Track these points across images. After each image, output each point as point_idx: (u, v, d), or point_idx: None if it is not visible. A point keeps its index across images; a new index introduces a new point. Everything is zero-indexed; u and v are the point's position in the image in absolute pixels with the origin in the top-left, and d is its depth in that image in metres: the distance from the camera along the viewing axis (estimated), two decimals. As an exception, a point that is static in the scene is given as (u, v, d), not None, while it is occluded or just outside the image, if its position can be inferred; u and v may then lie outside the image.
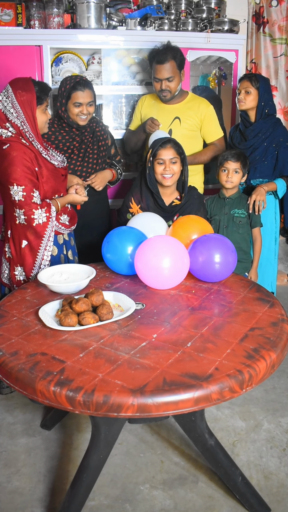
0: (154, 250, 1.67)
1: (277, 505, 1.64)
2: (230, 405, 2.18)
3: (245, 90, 2.46)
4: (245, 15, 3.39)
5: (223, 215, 2.42)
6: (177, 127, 2.57)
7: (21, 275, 1.98)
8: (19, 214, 1.87)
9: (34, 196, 1.85)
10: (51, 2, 2.62)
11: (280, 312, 1.53)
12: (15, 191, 1.82)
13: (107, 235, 1.91)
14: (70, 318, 1.42)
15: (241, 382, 1.17)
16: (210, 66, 3.12)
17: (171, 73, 2.45)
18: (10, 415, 2.15)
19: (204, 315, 1.51)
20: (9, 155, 1.84)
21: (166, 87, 2.49)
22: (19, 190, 1.82)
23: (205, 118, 2.58)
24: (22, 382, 1.19)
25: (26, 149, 1.87)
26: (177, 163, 2.14)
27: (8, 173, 1.83)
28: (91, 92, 2.29)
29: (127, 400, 1.09)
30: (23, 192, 1.83)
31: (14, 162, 1.83)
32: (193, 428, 1.55)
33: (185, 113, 2.56)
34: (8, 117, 1.86)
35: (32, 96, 1.85)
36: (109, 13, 2.76)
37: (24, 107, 1.85)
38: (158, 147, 2.13)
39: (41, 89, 1.90)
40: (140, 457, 1.88)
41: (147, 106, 2.66)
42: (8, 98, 1.85)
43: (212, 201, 2.49)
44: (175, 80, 2.49)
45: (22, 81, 1.89)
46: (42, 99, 1.90)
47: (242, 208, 2.39)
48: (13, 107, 1.85)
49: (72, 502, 1.48)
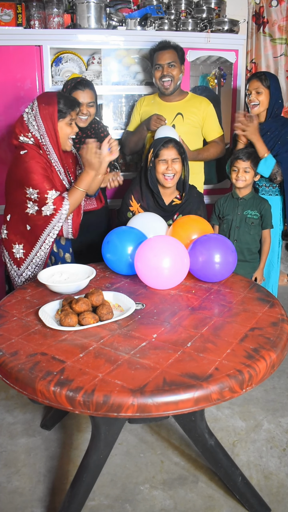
0: (154, 250, 1.67)
1: (277, 505, 1.64)
2: (230, 405, 2.18)
3: (256, 91, 2.37)
4: (245, 15, 3.39)
5: (236, 215, 2.41)
6: (180, 123, 2.56)
7: (18, 253, 2.02)
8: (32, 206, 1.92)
9: (48, 197, 1.90)
10: (51, 2, 2.62)
11: (280, 312, 1.53)
12: (30, 193, 1.90)
13: (107, 235, 1.91)
14: (70, 318, 1.42)
15: (241, 382, 1.17)
16: (210, 66, 3.12)
17: (172, 59, 2.46)
18: (10, 415, 2.15)
19: (204, 315, 1.51)
20: (26, 161, 1.90)
21: (168, 72, 2.47)
22: (34, 192, 1.89)
23: (207, 116, 2.59)
24: (22, 382, 1.19)
25: (41, 157, 1.93)
26: (177, 163, 2.15)
27: (26, 178, 1.90)
28: (91, 92, 2.28)
29: (127, 400, 1.09)
30: (37, 194, 1.89)
31: (31, 168, 1.90)
32: (193, 428, 1.55)
33: (188, 109, 2.56)
34: (30, 128, 1.92)
35: (54, 109, 1.90)
36: (109, 13, 2.76)
37: (46, 120, 1.91)
38: (160, 146, 2.13)
39: (65, 103, 1.94)
40: (140, 457, 1.88)
41: (147, 105, 2.66)
42: (33, 111, 1.92)
43: (225, 201, 2.47)
44: (177, 68, 2.48)
45: (47, 95, 1.96)
46: (65, 113, 1.93)
47: (255, 209, 2.38)
48: (35, 119, 1.91)
49: (72, 502, 1.48)
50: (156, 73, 2.52)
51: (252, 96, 2.39)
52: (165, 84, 2.50)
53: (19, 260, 2.03)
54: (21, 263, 2.03)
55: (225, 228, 2.47)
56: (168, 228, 2.02)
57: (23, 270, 2.04)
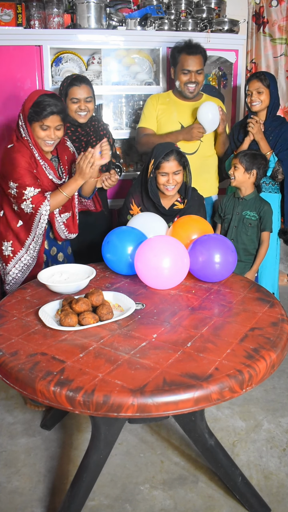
0: (154, 250, 1.67)
1: (277, 505, 1.64)
2: (230, 405, 2.18)
3: (257, 91, 2.42)
4: (245, 15, 3.39)
5: (235, 215, 2.42)
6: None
7: (6, 250, 2.01)
8: (15, 203, 1.93)
9: (25, 193, 1.89)
10: (51, 2, 2.62)
11: (280, 312, 1.53)
12: (11, 187, 1.90)
13: (107, 235, 1.91)
14: (70, 318, 1.42)
15: (241, 382, 1.17)
16: (210, 66, 3.13)
17: (200, 65, 2.44)
18: (10, 415, 2.15)
19: (204, 315, 1.51)
20: (10, 155, 1.90)
21: (195, 79, 2.45)
22: (14, 186, 1.89)
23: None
24: (22, 382, 1.19)
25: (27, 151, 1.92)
26: (180, 174, 2.10)
27: (9, 171, 1.89)
28: (88, 87, 2.26)
29: (127, 400, 1.09)
30: (16, 189, 1.89)
31: (15, 161, 1.89)
32: (193, 428, 1.55)
33: None
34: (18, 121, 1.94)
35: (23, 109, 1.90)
36: (109, 13, 2.76)
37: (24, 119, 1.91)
38: (160, 159, 2.06)
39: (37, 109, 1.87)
40: (140, 457, 1.88)
41: (163, 104, 2.57)
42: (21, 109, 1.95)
43: (228, 200, 2.48)
44: (202, 75, 2.48)
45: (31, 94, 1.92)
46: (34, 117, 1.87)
47: (254, 211, 2.38)
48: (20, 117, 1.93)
49: (72, 502, 1.48)
50: (181, 76, 2.46)
51: (253, 96, 2.43)
52: (190, 89, 2.48)
53: (7, 257, 2.02)
54: (9, 260, 2.01)
55: (225, 227, 2.49)
56: (168, 229, 2.02)
57: (10, 269, 2.03)
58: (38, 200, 1.90)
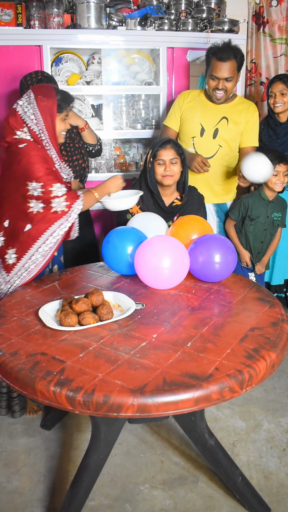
0: (154, 250, 1.67)
1: (277, 505, 1.64)
2: (230, 405, 2.18)
3: (281, 92, 2.52)
4: (245, 15, 3.39)
5: (264, 217, 2.42)
6: (224, 128, 2.44)
7: (10, 258, 1.85)
8: (36, 204, 1.79)
9: (53, 190, 1.78)
10: (51, 2, 2.62)
11: (280, 312, 1.53)
12: (33, 188, 1.78)
13: (107, 235, 1.91)
14: (70, 318, 1.42)
15: (241, 382, 1.17)
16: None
17: (231, 73, 2.32)
18: (10, 415, 2.15)
19: (204, 315, 1.51)
20: (27, 153, 1.80)
21: (223, 87, 2.34)
22: (38, 186, 1.77)
23: (250, 122, 2.47)
24: (22, 382, 1.19)
25: (42, 151, 1.84)
26: (177, 164, 2.14)
27: (28, 171, 1.78)
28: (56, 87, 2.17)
29: (127, 400, 1.09)
30: (41, 188, 1.77)
31: (33, 159, 1.79)
32: (193, 428, 1.55)
33: (234, 114, 2.45)
34: (27, 122, 1.82)
35: (53, 102, 1.82)
36: (109, 13, 2.76)
37: (44, 114, 1.81)
38: (157, 147, 2.12)
39: (62, 97, 1.86)
40: (140, 457, 1.88)
41: (190, 102, 2.51)
42: (30, 104, 1.81)
43: (254, 202, 2.42)
44: (233, 81, 2.36)
45: (44, 87, 1.86)
46: (62, 108, 1.85)
47: (279, 211, 2.42)
48: (34, 113, 1.81)
49: (72, 502, 1.48)
50: (210, 81, 2.37)
51: (277, 98, 2.54)
52: (218, 95, 2.39)
53: (10, 265, 1.86)
54: (11, 268, 1.86)
55: (252, 230, 2.44)
56: (168, 228, 2.02)
57: (11, 277, 1.86)
58: (71, 197, 1.80)
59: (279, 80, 2.53)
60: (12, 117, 1.83)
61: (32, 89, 1.85)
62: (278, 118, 2.60)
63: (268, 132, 2.66)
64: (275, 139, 2.63)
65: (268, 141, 2.65)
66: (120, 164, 3.06)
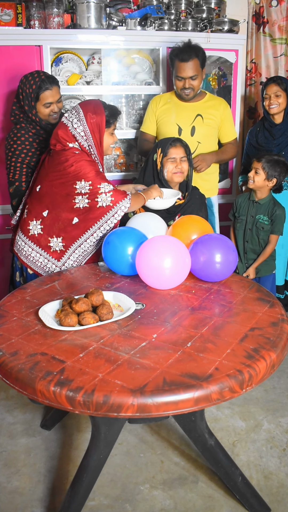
0: (155, 250, 1.67)
1: (277, 505, 1.64)
2: (230, 405, 2.18)
3: (275, 94, 2.56)
4: (245, 15, 3.39)
5: (249, 217, 2.45)
6: (200, 125, 2.55)
7: (57, 246, 2.00)
8: (82, 199, 1.93)
9: (101, 187, 1.91)
10: (51, 2, 2.62)
11: (280, 312, 1.53)
12: (82, 186, 1.91)
13: (107, 236, 1.91)
14: (70, 318, 1.42)
15: (241, 382, 1.17)
16: (210, 66, 3.12)
17: (194, 71, 2.43)
18: (10, 415, 2.15)
19: (204, 315, 1.51)
20: (79, 159, 1.92)
21: (190, 85, 2.46)
22: (87, 184, 1.91)
23: (225, 117, 2.60)
24: (22, 382, 1.19)
25: (90, 157, 1.97)
26: (186, 162, 2.19)
27: (81, 172, 1.91)
28: (57, 87, 2.19)
29: (127, 400, 1.09)
30: (90, 186, 1.91)
31: (88, 164, 1.92)
32: (193, 428, 1.55)
33: (207, 111, 2.56)
34: (77, 139, 1.94)
35: (102, 119, 1.92)
36: (109, 13, 2.76)
37: (93, 130, 1.92)
38: (168, 145, 2.17)
39: (110, 112, 1.96)
40: (140, 457, 1.89)
41: (164, 105, 2.61)
42: (80, 121, 1.92)
43: (243, 200, 2.50)
44: (198, 78, 2.48)
45: (93, 104, 1.95)
46: (110, 123, 1.96)
47: (267, 215, 2.41)
48: (83, 130, 1.92)
49: (72, 502, 1.48)
50: (177, 82, 2.49)
51: (272, 100, 2.58)
52: (186, 93, 2.50)
53: (59, 252, 2.01)
54: (62, 255, 2.01)
55: (238, 228, 2.51)
56: (168, 228, 2.03)
57: (64, 261, 2.02)
58: (118, 194, 1.93)
59: (273, 82, 2.57)
60: (62, 131, 1.95)
61: (81, 106, 1.95)
62: (273, 120, 2.64)
63: (264, 134, 2.70)
64: (271, 140, 2.66)
65: (265, 142, 2.68)
66: (120, 164, 3.06)
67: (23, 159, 2.19)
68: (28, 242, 2.04)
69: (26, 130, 2.20)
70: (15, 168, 2.20)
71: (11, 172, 2.22)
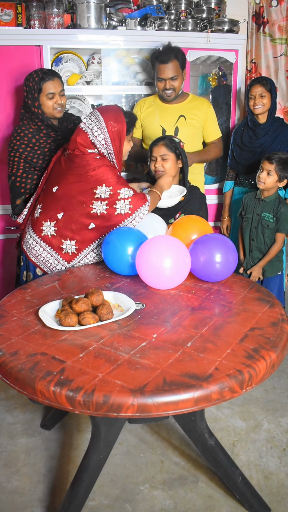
0: (156, 250, 1.67)
1: (277, 505, 1.64)
2: (230, 405, 2.18)
3: (260, 95, 2.58)
4: (245, 15, 3.38)
5: (255, 215, 2.46)
6: (183, 125, 2.59)
7: (70, 248, 2.00)
8: (100, 205, 1.93)
9: (121, 192, 1.93)
10: (51, 2, 2.62)
11: (280, 312, 1.53)
12: (101, 191, 1.92)
13: (107, 236, 1.91)
14: (70, 318, 1.42)
15: (241, 382, 1.17)
16: (210, 66, 3.12)
17: (174, 72, 2.49)
18: (10, 415, 2.16)
19: (204, 315, 1.51)
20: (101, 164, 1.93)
21: (171, 86, 2.52)
22: (107, 190, 1.92)
23: (208, 117, 2.64)
24: (22, 382, 1.19)
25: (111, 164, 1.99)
26: (168, 160, 2.19)
27: (102, 177, 1.92)
28: (60, 80, 2.21)
29: (127, 400, 1.09)
30: (110, 191, 1.92)
31: (107, 169, 1.93)
32: (193, 428, 1.55)
33: (190, 111, 2.60)
34: (97, 146, 1.95)
35: (123, 127, 1.93)
36: (109, 13, 2.76)
37: (114, 139, 1.94)
38: (152, 145, 2.22)
39: (130, 120, 1.98)
40: (140, 457, 1.89)
41: (148, 108, 2.67)
42: (100, 129, 1.92)
43: (250, 199, 2.51)
44: (179, 79, 2.53)
45: (113, 111, 1.96)
46: (130, 130, 1.99)
47: (272, 213, 2.40)
48: (104, 138, 1.93)
49: (72, 502, 1.48)
50: (158, 84, 2.55)
51: (256, 100, 2.59)
52: (168, 93, 2.55)
53: (70, 255, 2.01)
54: (73, 258, 2.01)
55: (244, 226, 2.52)
56: (168, 228, 2.03)
57: (74, 263, 2.02)
58: (137, 200, 1.94)
59: (258, 83, 2.60)
60: (81, 138, 1.95)
61: (101, 114, 1.94)
62: (257, 119, 2.67)
63: (248, 133, 2.72)
64: (255, 139, 2.68)
65: (249, 141, 2.70)
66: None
67: (20, 153, 2.20)
68: (40, 241, 2.03)
69: (27, 126, 2.22)
70: (13, 162, 2.23)
71: (9, 166, 2.25)
